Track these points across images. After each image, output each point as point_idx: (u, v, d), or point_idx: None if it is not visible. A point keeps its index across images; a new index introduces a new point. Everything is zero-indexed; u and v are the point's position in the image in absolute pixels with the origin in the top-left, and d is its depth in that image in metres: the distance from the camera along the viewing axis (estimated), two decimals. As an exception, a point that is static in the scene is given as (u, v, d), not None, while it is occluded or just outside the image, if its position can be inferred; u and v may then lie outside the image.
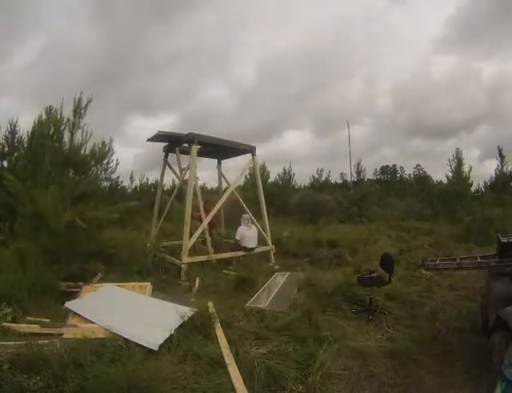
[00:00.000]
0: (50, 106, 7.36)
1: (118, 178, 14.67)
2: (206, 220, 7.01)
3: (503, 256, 3.46)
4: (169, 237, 8.50)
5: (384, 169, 40.16)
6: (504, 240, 3.62)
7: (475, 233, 9.58)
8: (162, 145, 7.93)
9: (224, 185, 9.01)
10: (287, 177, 17.94)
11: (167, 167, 8.18)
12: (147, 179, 17.72)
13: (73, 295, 4.74)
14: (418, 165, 29.98)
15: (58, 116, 6.27)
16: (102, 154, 5.87)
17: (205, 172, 19.54)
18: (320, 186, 19.02)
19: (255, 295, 5.00)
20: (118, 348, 3.08)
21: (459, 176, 14.52)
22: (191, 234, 6.53)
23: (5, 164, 7.86)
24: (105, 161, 5.99)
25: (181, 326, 3.55)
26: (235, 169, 8.60)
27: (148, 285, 4.98)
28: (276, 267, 7.12)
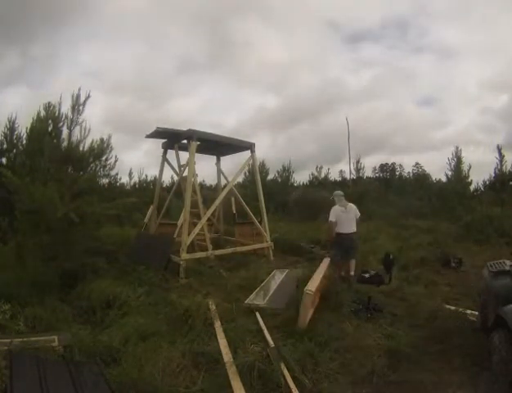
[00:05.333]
0: (49, 103, 7.32)
1: (116, 174, 14.61)
2: (205, 216, 7.01)
3: None
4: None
5: (383, 167, 40.09)
6: None
7: (474, 232, 9.59)
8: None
9: (223, 182, 8.98)
10: (286, 174, 17.93)
11: (166, 164, 8.15)
12: (146, 176, 17.72)
13: (71, 292, 4.75)
14: (417, 164, 29.92)
15: (56, 113, 6.22)
16: (101, 150, 5.85)
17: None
18: (319, 183, 19.01)
19: (253, 293, 4.99)
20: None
21: (458, 174, 14.51)
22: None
23: (3, 161, 7.83)
24: (103, 158, 5.96)
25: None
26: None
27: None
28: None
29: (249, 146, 7.88)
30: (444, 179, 15.69)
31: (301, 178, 20.74)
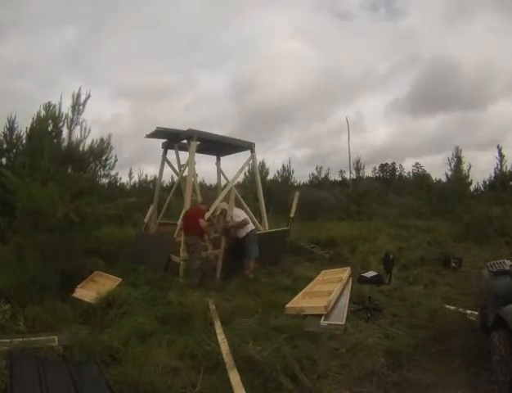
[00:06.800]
0: (49, 102, 7.31)
1: (116, 174, 14.61)
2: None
3: None
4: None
5: (383, 167, 40.09)
6: None
7: (474, 232, 9.59)
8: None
9: (223, 182, 8.97)
10: (286, 174, 17.90)
11: (166, 163, 8.15)
12: (146, 176, 17.73)
13: (70, 291, 4.76)
14: (417, 163, 29.98)
15: (57, 112, 6.22)
16: (101, 150, 5.85)
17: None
18: (319, 183, 19.00)
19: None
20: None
21: (458, 174, 14.50)
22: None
23: (3, 161, 7.82)
24: (103, 158, 5.96)
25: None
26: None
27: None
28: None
29: (249, 146, 7.87)
30: (444, 179, 15.74)
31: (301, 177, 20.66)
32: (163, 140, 7.77)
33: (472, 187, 15.02)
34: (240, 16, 69.81)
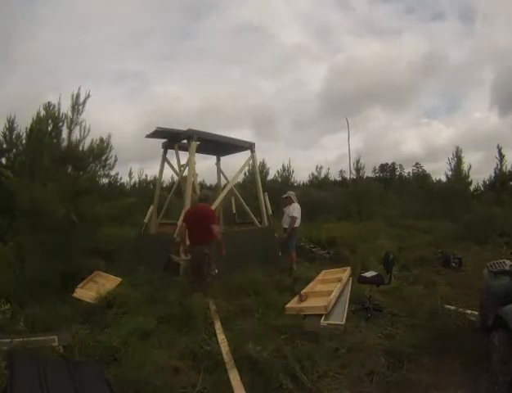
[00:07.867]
0: (48, 103, 7.31)
1: (116, 174, 14.61)
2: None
3: None
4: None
5: (383, 167, 40.04)
6: None
7: (474, 232, 9.58)
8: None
9: (223, 182, 8.97)
10: (286, 174, 17.90)
11: (166, 163, 8.14)
12: (146, 176, 17.76)
13: (70, 291, 4.75)
14: (417, 164, 29.98)
15: (56, 113, 6.22)
16: (100, 150, 5.85)
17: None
18: (319, 183, 19.01)
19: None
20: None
21: (458, 174, 14.49)
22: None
23: (3, 161, 7.82)
24: (103, 158, 5.96)
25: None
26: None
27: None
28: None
29: (249, 146, 7.87)
30: (444, 179, 15.73)
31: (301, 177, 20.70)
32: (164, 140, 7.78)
33: (472, 187, 15.03)
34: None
